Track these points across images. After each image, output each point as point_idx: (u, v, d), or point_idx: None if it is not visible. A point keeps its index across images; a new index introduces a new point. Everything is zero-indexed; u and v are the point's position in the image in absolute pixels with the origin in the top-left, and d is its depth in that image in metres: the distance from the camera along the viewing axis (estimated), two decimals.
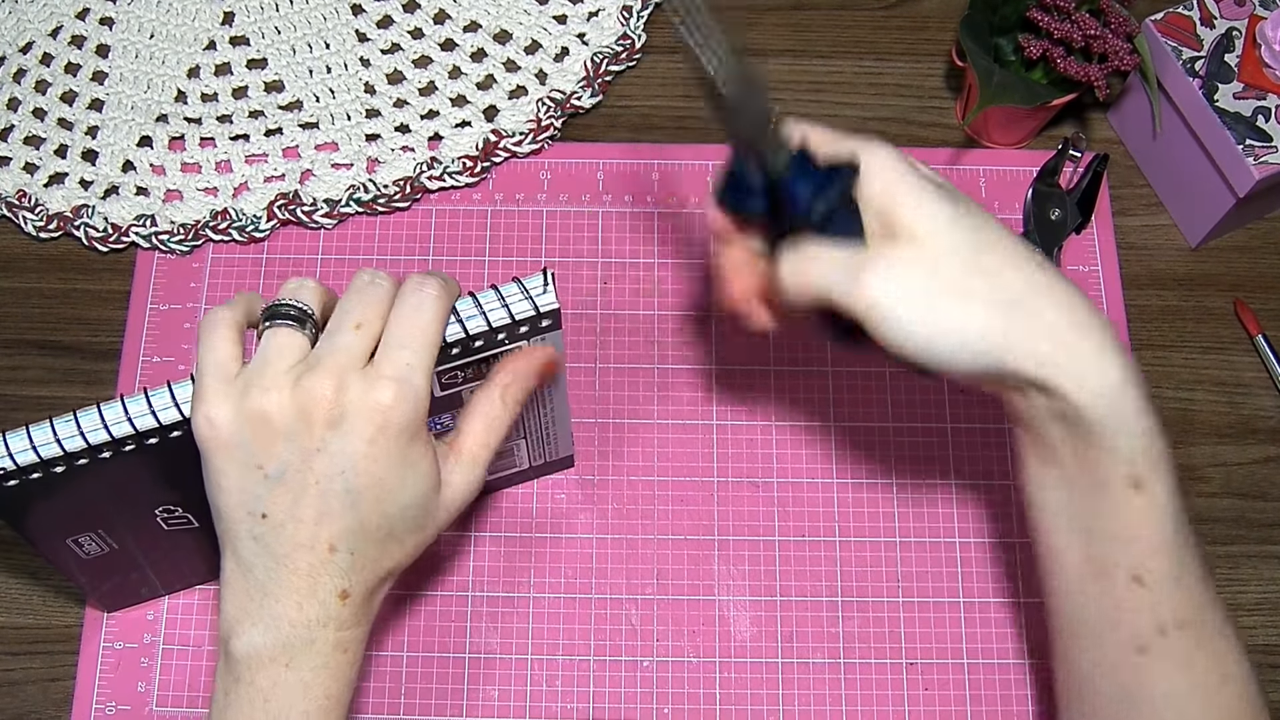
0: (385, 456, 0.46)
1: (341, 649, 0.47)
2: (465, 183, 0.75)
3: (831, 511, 0.68)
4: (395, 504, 0.47)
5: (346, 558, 0.47)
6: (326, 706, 0.47)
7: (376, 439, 0.45)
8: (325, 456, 0.45)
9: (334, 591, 0.47)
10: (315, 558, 0.46)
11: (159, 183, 0.75)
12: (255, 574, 0.47)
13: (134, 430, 0.48)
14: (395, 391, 0.45)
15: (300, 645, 0.46)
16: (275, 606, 0.46)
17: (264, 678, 0.46)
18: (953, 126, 0.78)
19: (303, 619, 0.46)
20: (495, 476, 0.66)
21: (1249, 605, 0.67)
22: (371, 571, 0.48)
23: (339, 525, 0.46)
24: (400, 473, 0.46)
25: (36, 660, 0.65)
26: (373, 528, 0.47)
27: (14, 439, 0.48)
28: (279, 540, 0.46)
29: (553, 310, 0.50)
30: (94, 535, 0.56)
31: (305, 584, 0.46)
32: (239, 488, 0.46)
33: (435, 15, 0.80)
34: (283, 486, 0.46)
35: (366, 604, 0.48)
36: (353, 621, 0.48)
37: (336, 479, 0.45)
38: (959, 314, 0.46)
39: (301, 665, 0.47)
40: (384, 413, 0.45)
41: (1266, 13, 0.70)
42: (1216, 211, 0.71)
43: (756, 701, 0.64)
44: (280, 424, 0.45)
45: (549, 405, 0.60)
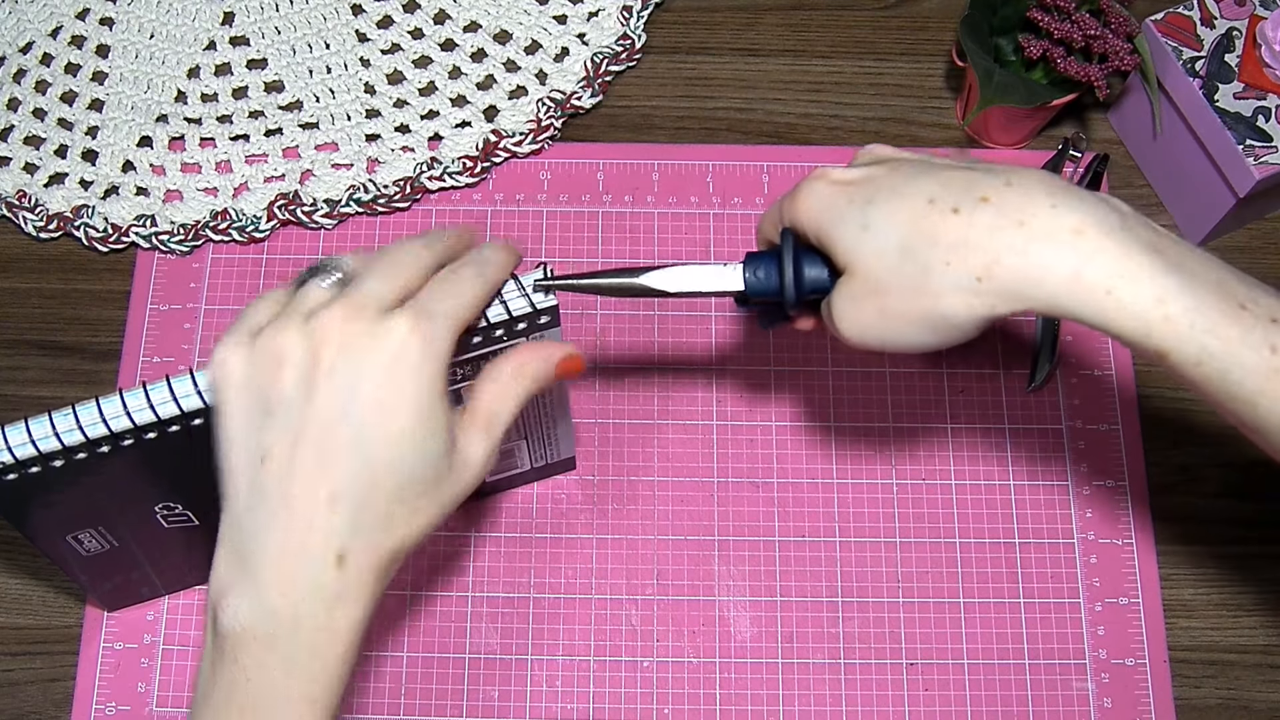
0: (397, 397, 0.42)
1: (331, 630, 0.43)
2: (465, 183, 0.75)
3: (831, 511, 0.68)
4: (406, 455, 0.43)
5: (348, 513, 0.42)
6: (312, 694, 0.43)
7: (389, 375, 0.42)
8: (331, 386, 0.42)
9: (328, 554, 0.42)
10: (313, 509, 0.42)
11: (159, 183, 0.75)
12: (247, 531, 0.43)
13: (132, 425, 0.48)
14: (412, 325, 0.43)
15: (286, 622, 0.42)
16: (263, 572, 0.42)
17: (247, 655, 0.42)
18: (953, 126, 0.78)
19: (289, 586, 0.42)
20: (497, 478, 0.66)
21: (1249, 605, 0.67)
22: (375, 536, 0.43)
23: (341, 470, 0.42)
24: (413, 419, 0.43)
25: (36, 660, 0.65)
26: (380, 478, 0.42)
27: (13, 433, 0.48)
28: (276, 487, 0.42)
29: (551, 308, 0.50)
30: (94, 532, 0.56)
31: (297, 542, 0.42)
32: (243, 428, 0.43)
33: (435, 15, 0.80)
34: (285, 424, 0.42)
35: (367, 580, 0.43)
36: (348, 596, 0.43)
37: (342, 417, 0.42)
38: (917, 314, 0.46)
39: (285, 645, 0.42)
40: (398, 346, 0.42)
41: (1266, 13, 0.70)
42: (1216, 211, 0.71)
43: (756, 702, 0.64)
44: (290, 358, 0.42)
45: (550, 406, 0.60)
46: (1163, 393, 0.71)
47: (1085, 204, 0.44)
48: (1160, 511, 0.68)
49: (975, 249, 0.44)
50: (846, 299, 0.48)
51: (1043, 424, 0.70)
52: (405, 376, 0.42)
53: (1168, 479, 0.69)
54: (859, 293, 0.47)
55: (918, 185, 0.46)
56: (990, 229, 0.44)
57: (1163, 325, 0.43)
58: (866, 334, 0.48)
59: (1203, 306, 0.43)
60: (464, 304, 0.45)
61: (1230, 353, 0.43)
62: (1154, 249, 0.43)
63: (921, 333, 0.47)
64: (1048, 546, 0.67)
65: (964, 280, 0.45)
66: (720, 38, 0.80)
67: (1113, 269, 0.43)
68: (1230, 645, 0.66)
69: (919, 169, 0.48)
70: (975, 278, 0.44)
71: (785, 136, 0.77)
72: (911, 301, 0.46)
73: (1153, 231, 0.44)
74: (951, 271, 0.45)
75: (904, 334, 0.47)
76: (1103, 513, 0.68)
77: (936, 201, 0.45)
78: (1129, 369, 0.71)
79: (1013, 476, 0.69)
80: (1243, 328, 0.43)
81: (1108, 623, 0.66)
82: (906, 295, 0.46)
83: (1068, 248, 0.43)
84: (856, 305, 0.47)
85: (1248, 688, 0.65)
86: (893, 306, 0.46)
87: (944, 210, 0.45)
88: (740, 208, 0.75)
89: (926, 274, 0.45)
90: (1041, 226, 0.44)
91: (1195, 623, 0.66)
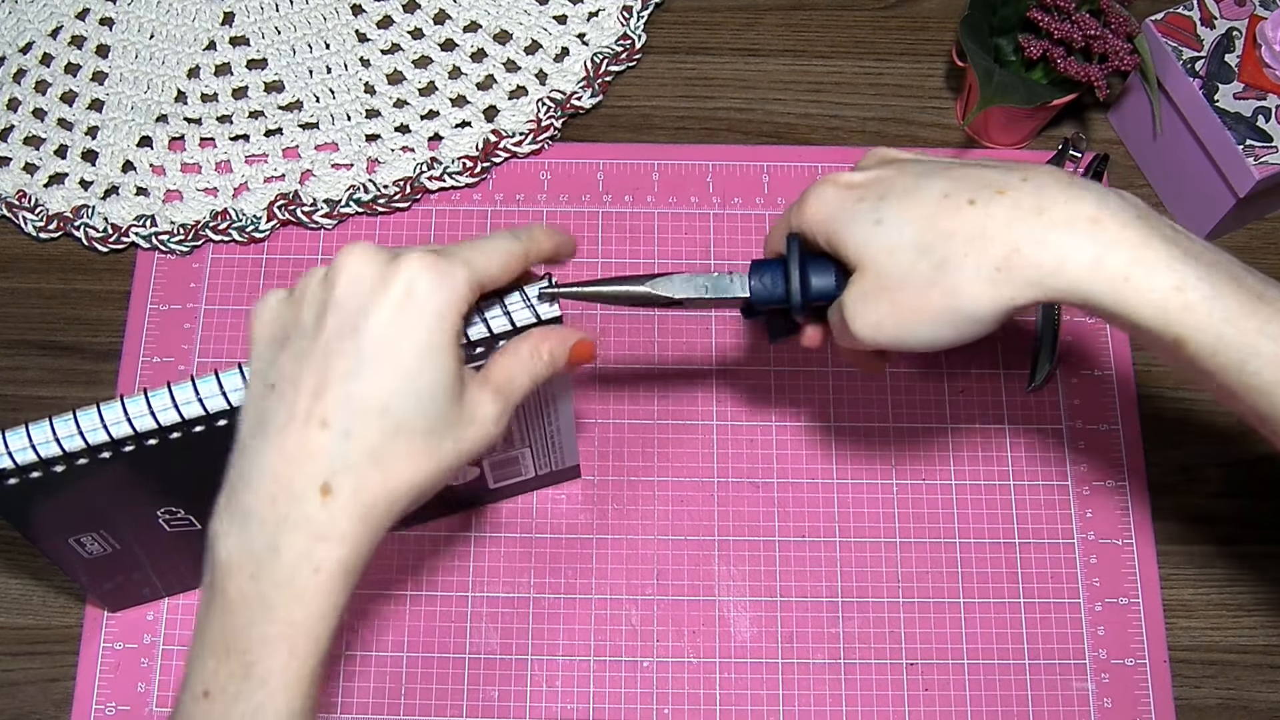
0: (404, 325, 0.42)
1: (312, 566, 0.41)
2: (465, 183, 0.75)
3: (831, 511, 0.68)
4: (406, 386, 0.42)
5: (338, 439, 0.41)
6: (289, 635, 0.41)
7: (399, 303, 0.42)
8: (339, 311, 0.42)
9: (313, 483, 0.41)
10: (305, 434, 0.41)
11: (159, 183, 0.75)
12: (248, 458, 0.42)
13: (133, 431, 0.48)
14: (426, 263, 0.42)
15: (266, 548, 0.41)
16: (252, 501, 0.41)
17: (233, 587, 0.41)
18: (953, 126, 0.78)
19: (273, 516, 0.41)
20: (502, 485, 0.66)
21: (1249, 605, 0.67)
22: (364, 472, 0.42)
23: (338, 392, 0.41)
24: (418, 351, 0.42)
25: (36, 660, 0.65)
26: (375, 406, 0.41)
27: (13, 437, 0.48)
28: (276, 412, 0.42)
29: (554, 319, 0.50)
30: (96, 535, 0.56)
31: (286, 469, 0.41)
32: (260, 357, 0.44)
33: (435, 15, 0.80)
34: (293, 349, 0.43)
35: (354, 519, 0.42)
36: (331, 533, 0.41)
37: (346, 338, 0.42)
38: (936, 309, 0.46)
39: (264, 577, 0.41)
40: (411, 276, 0.42)
41: (1266, 13, 0.70)
42: (1216, 211, 0.71)
43: (756, 702, 0.64)
44: (311, 296, 0.43)
45: (554, 412, 0.60)
46: (1163, 393, 0.71)
47: (1101, 195, 0.45)
48: (1160, 511, 0.68)
49: (994, 239, 0.45)
50: (859, 297, 0.48)
51: (1043, 424, 0.70)
52: (411, 313, 0.42)
53: (1168, 479, 0.69)
54: (872, 290, 0.47)
55: (930, 182, 0.47)
56: (1008, 220, 0.44)
57: (1181, 313, 0.43)
58: (881, 332, 0.47)
59: (1220, 295, 0.43)
60: (487, 258, 0.45)
61: (1248, 343, 0.43)
62: (1170, 238, 0.44)
63: (938, 328, 0.46)
64: (1048, 546, 0.67)
65: (984, 271, 0.45)
66: (720, 38, 0.80)
67: (1132, 256, 0.43)
68: (1230, 645, 0.66)
69: (929, 168, 0.48)
70: (995, 268, 0.45)
71: (785, 136, 0.77)
72: (929, 296, 0.46)
73: (1167, 223, 0.45)
74: (970, 263, 0.45)
75: (920, 330, 0.47)
76: (1103, 513, 0.68)
77: (951, 196, 0.46)
78: (1129, 369, 0.71)
79: (1013, 476, 0.69)
80: (1260, 318, 0.43)
81: (1108, 623, 0.66)
82: (923, 290, 0.46)
83: (1086, 236, 0.44)
84: (870, 303, 0.47)
85: (1248, 688, 0.65)
86: (909, 302, 0.46)
87: (959, 203, 0.45)
88: (740, 208, 0.75)
89: (943, 268, 0.45)
90: (1059, 215, 0.44)
91: (1195, 623, 0.66)
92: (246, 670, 0.41)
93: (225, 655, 0.41)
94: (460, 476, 0.63)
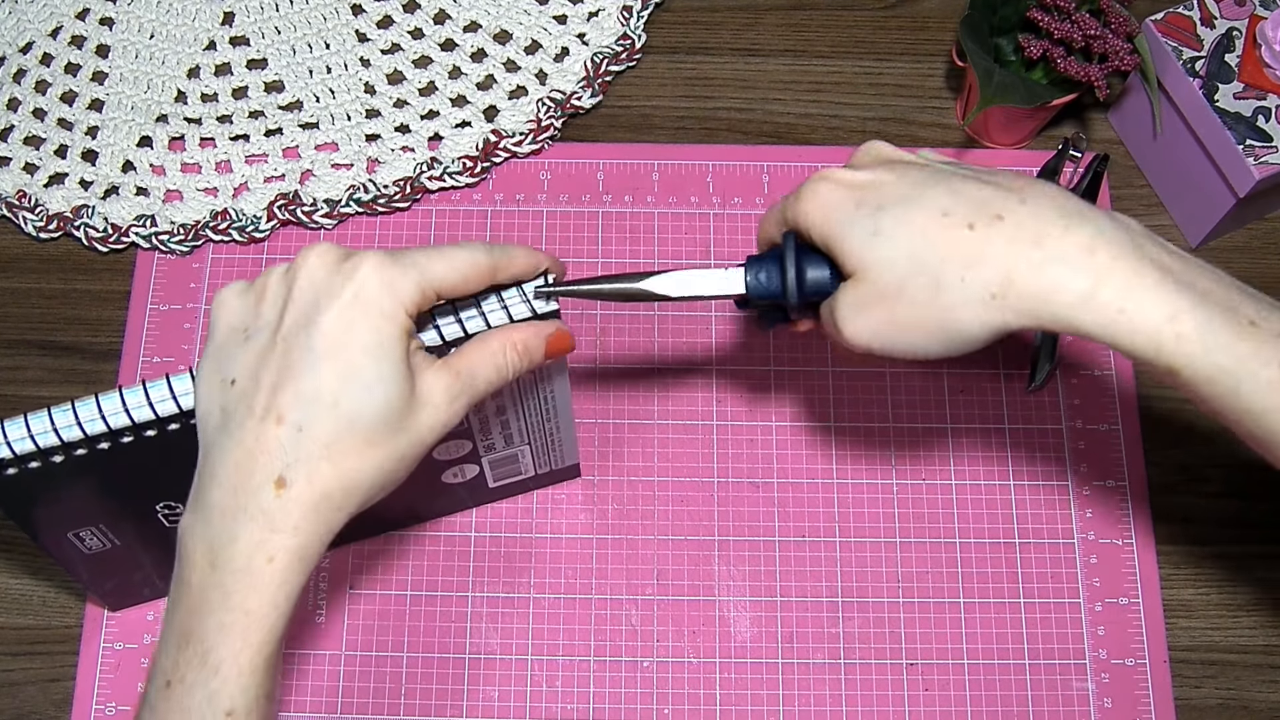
0: (353, 322, 0.43)
1: (266, 556, 0.42)
2: (465, 183, 0.75)
3: (831, 511, 0.68)
4: (357, 380, 0.43)
5: (291, 433, 0.43)
6: (245, 625, 0.42)
7: (346, 309, 0.43)
8: (295, 310, 0.44)
9: (269, 476, 0.43)
10: (262, 430, 0.43)
11: (159, 183, 0.75)
12: (212, 454, 0.44)
13: (131, 422, 0.48)
14: (377, 263, 0.44)
15: (223, 541, 0.43)
16: (213, 492, 0.43)
17: (196, 576, 0.43)
18: (953, 126, 0.78)
19: (232, 507, 0.43)
20: (502, 484, 0.66)
21: (1249, 605, 0.67)
22: (317, 465, 0.43)
23: (292, 389, 0.43)
24: (367, 347, 0.43)
25: (36, 660, 0.65)
26: (327, 400, 0.43)
27: (12, 427, 0.48)
28: (237, 409, 0.44)
29: (552, 313, 0.51)
30: (95, 530, 0.56)
31: (245, 464, 0.43)
32: (219, 351, 0.45)
33: (435, 15, 0.80)
34: (253, 346, 0.44)
35: (307, 511, 0.43)
36: (285, 524, 0.43)
37: (300, 335, 0.43)
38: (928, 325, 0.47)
39: (222, 566, 0.43)
40: (359, 277, 0.44)
41: (1266, 13, 0.70)
42: (1216, 211, 0.71)
43: (756, 702, 0.64)
44: (272, 290, 0.45)
45: (553, 411, 0.60)
46: (1163, 393, 0.71)
47: (1096, 223, 0.45)
48: (1160, 511, 0.68)
49: (991, 265, 0.45)
50: (852, 304, 0.48)
51: (1043, 424, 0.70)
52: (361, 312, 0.44)
53: (1168, 479, 0.69)
54: (867, 298, 0.47)
55: (929, 195, 0.47)
56: (1005, 247, 0.45)
57: (1174, 343, 0.44)
58: (874, 340, 0.48)
59: (1214, 323, 0.43)
60: (445, 266, 0.46)
61: (1242, 368, 0.43)
62: (1164, 267, 0.44)
63: (930, 342, 0.47)
64: (1048, 546, 0.67)
65: (979, 294, 0.45)
66: (720, 38, 0.80)
67: (1125, 287, 0.44)
68: (1230, 645, 0.66)
69: (928, 176, 0.48)
70: (990, 293, 0.45)
71: (785, 136, 0.77)
72: (923, 311, 0.46)
73: (1162, 249, 0.45)
74: (966, 286, 0.45)
75: (912, 342, 0.48)
76: (1103, 513, 0.68)
77: (950, 215, 0.46)
78: (1129, 369, 0.71)
79: (1013, 476, 0.69)
80: (1254, 343, 0.43)
81: (1108, 623, 0.66)
82: (918, 305, 0.46)
83: (1081, 268, 0.44)
84: (864, 311, 0.48)
85: (1248, 688, 0.65)
86: (903, 315, 0.47)
87: (959, 224, 0.46)
88: (740, 208, 0.75)
89: (939, 286, 0.46)
90: (1055, 246, 0.45)
91: (1195, 623, 0.66)
92: (203, 658, 0.43)
93: (185, 644, 0.43)
94: (458, 475, 0.63)
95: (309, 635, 0.65)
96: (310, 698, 0.64)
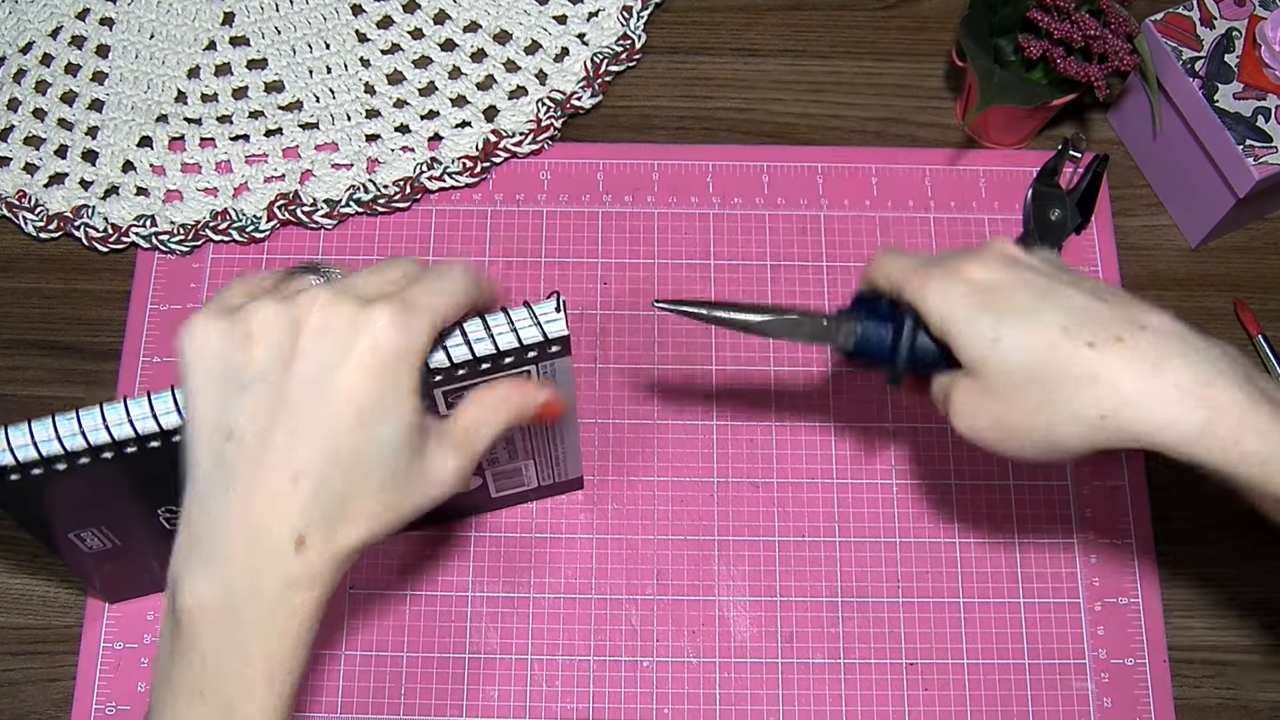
0: (368, 382, 0.42)
1: (289, 611, 0.42)
2: (465, 183, 0.75)
3: (831, 511, 0.68)
4: (373, 440, 0.43)
5: (310, 494, 0.42)
6: (269, 673, 0.42)
7: (364, 359, 0.42)
8: (305, 366, 0.42)
9: (289, 535, 0.42)
10: (276, 488, 0.42)
11: (159, 183, 0.75)
12: (210, 507, 0.42)
13: (135, 434, 0.48)
14: (391, 315, 0.43)
15: (243, 596, 0.42)
16: (222, 547, 0.42)
17: (205, 634, 0.42)
18: (953, 126, 0.78)
19: (249, 565, 0.42)
20: (505, 494, 0.66)
21: (1249, 605, 0.67)
22: (334, 525, 0.43)
23: (308, 450, 0.42)
24: (384, 405, 0.43)
25: (36, 660, 0.65)
26: (345, 462, 0.42)
27: (15, 434, 0.48)
28: (241, 461, 0.42)
29: (562, 338, 0.50)
30: (96, 531, 0.56)
31: (258, 522, 0.42)
32: (211, 400, 0.43)
33: (435, 15, 0.80)
34: (255, 396, 0.42)
35: (326, 567, 0.43)
36: (305, 580, 0.42)
37: (314, 393, 0.42)
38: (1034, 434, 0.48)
39: (243, 623, 0.42)
40: (375, 331, 0.42)
41: (1266, 13, 0.70)
42: (1216, 212, 0.71)
43: (756, 701, 0.64)
44: (265, 331, 0.43)
45: (558, 427, 0.60)
46: None
47: (1214, 358, 0.46)
48: (1160, 511, 0.68)
49: (1105, 387, 0.46)
50: (965, 397, 0.50)
51: None
52: (378, 364, 0.42)
53: (1168, 479, 0.69)
54: (980, 397, 0.49)
55: (1050, 310, 0.48)
56: (1122, 371, 0.46)
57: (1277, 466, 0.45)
58: (979, 434, 0.50)
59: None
60: (448, 302, 0.45)
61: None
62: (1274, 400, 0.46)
63: (1031, 450, 0.49)
64: (1047, 546, 0.67)
65: (1089, 414, 0.46)
66: (720, 38, 0.80)
67: (1239, 422, 0.45)
68: (1230, 645, 0.66)
69: (1050, 286, 0.49)
70: (1100, 415, 0.46)
71: (785, 136, 0.77)
72: (1030, 420, 0.48)
73: (1268, 380, 0.47)
74: (1077, 406, 0.46)
75: (1013, 446, 0.49)
76: (1102, 512, 0.68)
77: (1070, 332, 0.47)
78: None
79: (1013, 476, 0.69)
80: None
81: (1108, 623, 0.66)
82: (1027, 413, 0.48)
83: (1198, 402, 0.45)
84: (975, 406, 0.49)
85: (1248, 688, 0.65)
86: (1010, 420, 0.48)
87: (1077, 343, 0.47)
88: (740, 208, 0.75)
89: (1050, 400, 0.47)
90: (1173, 379, 0.46)
91: (1195, 623, 0.66)
92: (227, 713, 0.42)
93: (199, 699, 0.42)
94: None
95: None
96: (310, 697, 0.64)
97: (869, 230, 0.74)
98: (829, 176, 0.76)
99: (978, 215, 0.75)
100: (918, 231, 0.74)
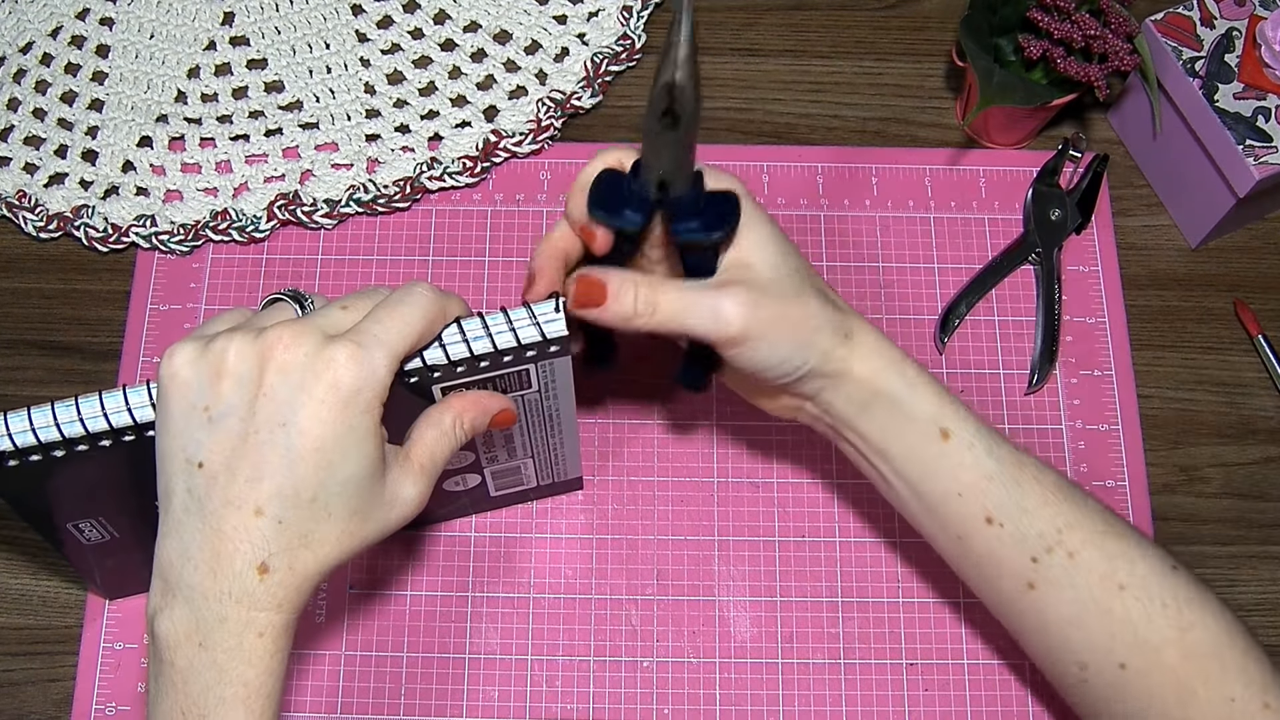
0: (331, 419, 0.44)
1: (256, 632, 0.45)
2: (465, 183, 0.75)
3: (831, 511, 0.68)
4: (334, 476, 0.45)
5: (273, 526, 0.45)
6: (245, 695, 0.45)
7: (325, 397, 0.44)
8: (270, 403, 0.44)
9: (252, 563, 0.44)
10: (240, 520, 0.44)
11: (159, 183, 0.75)
12: (183, 536, 0.45)
13: (133, 421, 0.48)
14: (350, 353, 0.45)
15: (212, 622, 0.44)
16: (193, 575, 0.45)
17: (181, 658, 0.45)
18: (953, 126, 0.78)
19: (215, 590, 0.44)
20: (504, 493, 0.66)
21: (1249, 605, 0.67)
22: (297, 553, 0.45)
23: (271, 485, 0.44)
24: (344, 443, 0.45)
25: (36, 660, 0.65)
26: (306, 497, 0.45)
27: (14, 420, 0.48)
28: (210, 494, 0.45)
29: (561, 338, 0.50)
30: (95, 522, 0.56)
31: (226, 549, 0.44)
32: (182, 430, 0.45)
33: (435, 15, 0.80)
34: (223, 432, 0.45)
35: (290, 591, 0.46)
36: (270, 604, 0.45)
37: (278, 431, 0.44)
38: (797, 336, 0.51)
39: (214, 645, 0.44)
40: (335, 370, 0.44)
41: (1266, 13, 0.70)
42: (1216, 212, 0.71)
43: (756, 702, 0.64)
44: (234, 367, 0.45)
45: (557, 425, 0.60)
46: (1163, 392, 0.71)
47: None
48: (1160, 511, 0.68)
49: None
50: (745, 296, 0.52)
51: (1043, 424, 0.70)
52: (340, 401, 0.45)
53: (1168, 479, 0.69)
54: (755, 290, 0.52)
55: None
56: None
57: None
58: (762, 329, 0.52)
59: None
60: (404, 334, 0.47)
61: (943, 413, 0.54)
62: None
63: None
64: None
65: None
66: (720, 38, 0.80)
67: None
68: None
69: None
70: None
71: (785, 136, 0.77)
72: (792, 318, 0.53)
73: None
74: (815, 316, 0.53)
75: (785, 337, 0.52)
76: None
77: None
78: (1129, 369, 0.71)
79: None
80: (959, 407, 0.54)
81: None
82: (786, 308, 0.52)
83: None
84: (756, 301, 0.52)
85: None
86: (778, 314, 0.53)
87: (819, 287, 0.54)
88: None
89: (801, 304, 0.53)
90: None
91: None
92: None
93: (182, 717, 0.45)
94: (460, 484, 0.63)
95: (309, 635, 0.65)
96: (310, 698, 0.64)
97: (869, 230, 0.74)
98: (829, 176, 0.76)
99: (978, 215, 0.75)
100: (918, 231, 0.74)
